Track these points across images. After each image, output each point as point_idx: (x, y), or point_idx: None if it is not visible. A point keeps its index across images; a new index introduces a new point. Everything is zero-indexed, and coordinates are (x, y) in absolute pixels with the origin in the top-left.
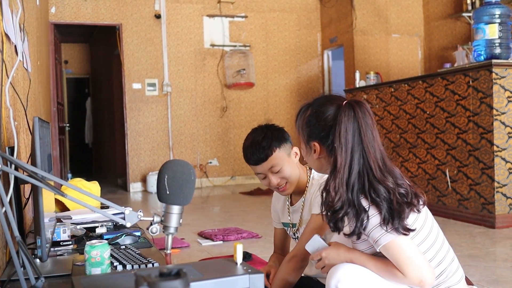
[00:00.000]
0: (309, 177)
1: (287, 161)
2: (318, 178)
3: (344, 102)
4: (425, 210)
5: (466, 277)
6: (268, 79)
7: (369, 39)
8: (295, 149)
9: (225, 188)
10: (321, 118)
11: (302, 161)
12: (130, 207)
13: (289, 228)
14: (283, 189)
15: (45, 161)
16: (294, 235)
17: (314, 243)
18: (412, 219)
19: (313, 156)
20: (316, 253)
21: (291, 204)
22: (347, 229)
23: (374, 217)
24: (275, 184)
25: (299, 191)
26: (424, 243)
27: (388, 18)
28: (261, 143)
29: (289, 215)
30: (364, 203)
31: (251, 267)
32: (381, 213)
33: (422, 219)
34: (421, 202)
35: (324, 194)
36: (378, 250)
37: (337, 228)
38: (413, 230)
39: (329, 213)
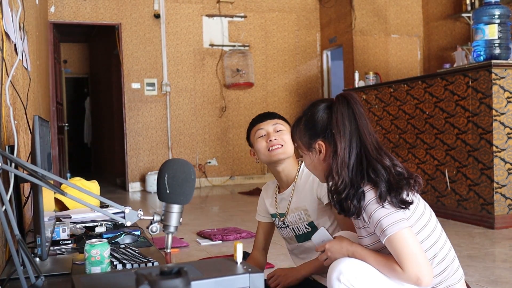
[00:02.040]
0: (299, 167)
1: (288, 134)
2: (307, 172)
3: (336, 96)
4: (429, 210)
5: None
6: (267, 79)
7: (369, 39)
8: None
9: (224, 188)
10: (317, 116)
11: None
12: (129, 206)
13: (276, 219)
14: (277, 148)
15: (45, 159)
16: (284, 223)
17: (320, 235)
18: (413, 206)
19: (319, 158)
20: (321, 245)
21: (279, 192)
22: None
23: (371, 200)
24: (273, 138)
25: (289, 180)
26: (428, 239)
27: (387, 18)
28: (271, 112)
29: (276, 205)
30: (362, 182)
31: (251, 266)
32: (377, 191)
33: (426, 217)
34: (418, 181)
35: (328, 181)
36: (383, 243)
37: (342, 210)
38: (410, 203)
39: (334, 197)
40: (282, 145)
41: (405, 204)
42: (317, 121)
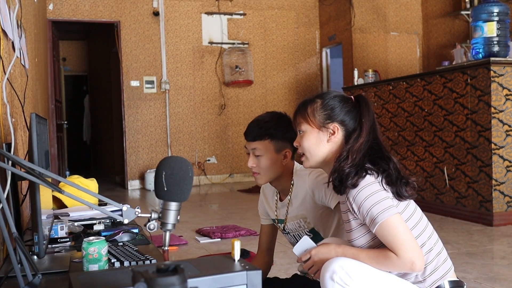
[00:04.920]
0: (292, 183)
1: (271, 155)
2: (300, 184)
3: (357, 95)
4: (413, 203)
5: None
6: (267, 77)
7: (368, 37)
8: (288, 151)
9: (223, 186)
10: (340, 102)
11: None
12: (128, 204)
13: (277, 224)
14: (255, 175)
15: (42, 157)
16: (285, 230)
17: (304, 244)
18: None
19: (327, 138)
20: (305, 253)
21: (280, 200)
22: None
23: (370, 183)
24: (249, 165)
25: (285, 191)
26: (416, 228)
27: (386, 16)
28: (260, 124)
29: (276, 211)
30: (368, 166)
31: (249, 264)
32: (378, 176)
33: (412, 207)
34: (415, 186)
35: (339, 161)
36: (374, 231)
37: (341, 186)
38: (408, 197)
39: (337, 174)
40: (259, 173)
41: (402, 197)
42: (343, 104)
